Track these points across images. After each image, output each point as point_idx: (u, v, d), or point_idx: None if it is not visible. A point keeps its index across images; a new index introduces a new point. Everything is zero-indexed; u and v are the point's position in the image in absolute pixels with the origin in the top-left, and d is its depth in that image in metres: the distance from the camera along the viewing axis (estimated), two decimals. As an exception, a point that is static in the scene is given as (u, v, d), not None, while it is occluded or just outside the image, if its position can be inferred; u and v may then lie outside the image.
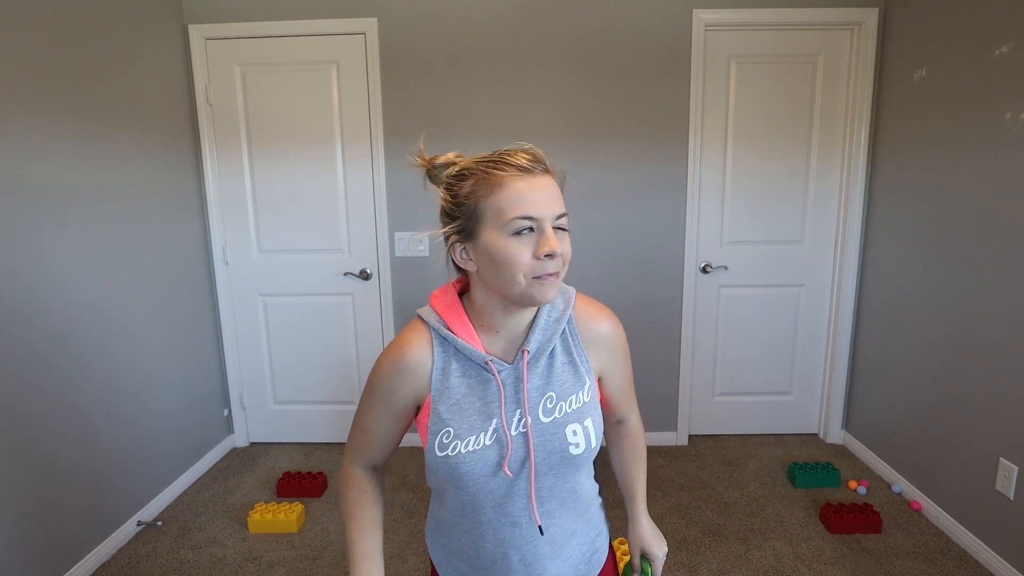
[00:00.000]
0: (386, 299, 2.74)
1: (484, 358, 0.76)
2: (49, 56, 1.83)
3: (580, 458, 0.78)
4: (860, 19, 2.48)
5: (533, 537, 0.79)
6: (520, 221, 0.69)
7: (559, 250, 0.70)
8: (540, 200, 0.70)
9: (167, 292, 2.41)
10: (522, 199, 0.69)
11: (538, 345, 0.77)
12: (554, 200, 0.71)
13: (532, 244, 0.70)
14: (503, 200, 0.70)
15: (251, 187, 2.69)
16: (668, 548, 0.59)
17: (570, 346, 0.80)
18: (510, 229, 0.69)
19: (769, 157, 2.63)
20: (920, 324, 2.24)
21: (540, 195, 0.70)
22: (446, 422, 0.76)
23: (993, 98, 1.88)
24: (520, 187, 0.70)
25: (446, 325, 0.78)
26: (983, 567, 1.88)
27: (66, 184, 1.89)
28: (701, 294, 2.75)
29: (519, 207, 0.69)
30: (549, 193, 0.71)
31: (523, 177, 0.70)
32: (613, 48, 2.52)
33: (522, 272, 0.70)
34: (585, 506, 0.85)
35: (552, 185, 0.72)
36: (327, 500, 2.37)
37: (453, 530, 0.83)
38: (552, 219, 0.70)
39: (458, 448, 0.75)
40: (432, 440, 0.76)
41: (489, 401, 0.76)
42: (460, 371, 0.77)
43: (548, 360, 0.78)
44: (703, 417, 2.88)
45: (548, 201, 0.70)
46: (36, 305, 1.77)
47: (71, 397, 1.90)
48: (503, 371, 0.77)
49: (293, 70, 2.58)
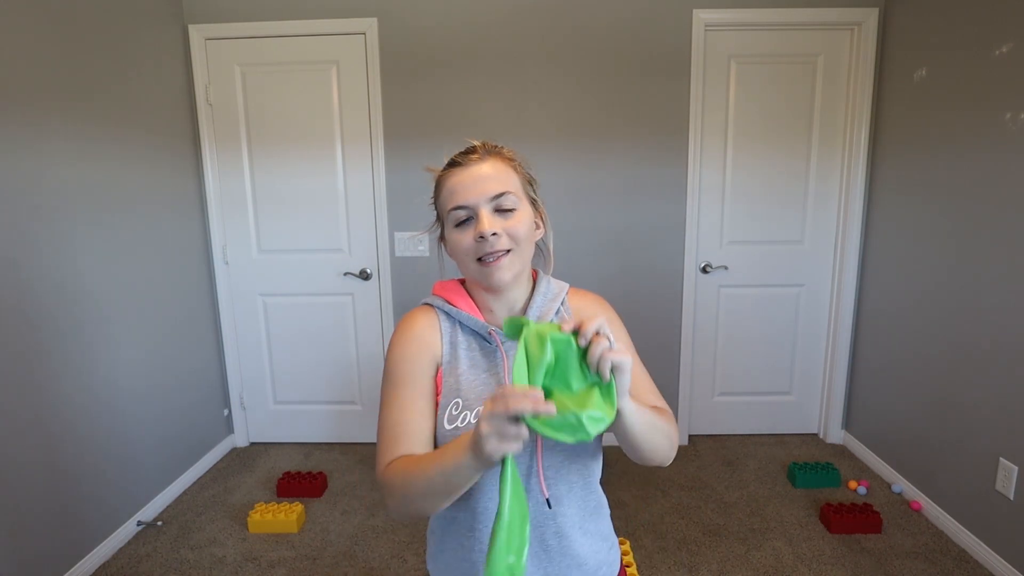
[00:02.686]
0: (386, 299, 2.74)
1: (486, 328, 0.79)
2: (49, 57, 1.83)
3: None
4: (860, 19, 2.48)
5: (541, 523, 0.76)
6: (455, 212, 0.76)
7: (489, 231, 0.74)
8: (470, 187, 0.75)
9: (167, 292, 2.41)
10: (454, 191, 0.76)
11: (536, 318, 0.80)
12: (489, 182, 0.75)
13: (473, 228, 0.75)
14: (443, 197, 0.78)
15: (251, 187, 2.68)
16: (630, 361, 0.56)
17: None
18: (452, 221, 0.77)
19: (769, 157, 2.63)
20: (920, 324, 2.24)
21: (470, 183, 0.75)
22: (456, 392, 0.77)
23: (993, 98, 1.88)
24: (452, 181, 0.77)
25: (449, 302, 0.82)
26: (983, 567, 1.88)
27: (66, 184, 1.89)
28: (701, 294, 2.75)
29: (452, 199, 0.76)
30: (482, 178, 0.76)
31: (454, 171, 0.77)
32: (613, 48, 2.52)
33: (468, 256, 0.76)
34: (596, 505, 0.83)
35: (490, 169, 0.77)
36: (327, 500, 2.37)
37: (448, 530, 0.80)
38: (487, 201, 0.75)
39: (468, 419, 0.75)
40: (442, 414, 0.77)
41: (495, 371, 0.78)
42: (466, 344, 0.81)
43: None
44: (703, 417, 2.88)
45: (480, 186, 0.75)
46: (36, 304, 1.77)
47: (70, 396, 1.90)
48: (506, 342, 0.79)
49: (293, 70, 2.58)
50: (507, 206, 0.76)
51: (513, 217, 0.76)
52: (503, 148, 0.80)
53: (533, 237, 0.81)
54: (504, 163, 0.78)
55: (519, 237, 0.76)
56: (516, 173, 0.79)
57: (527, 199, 0.80)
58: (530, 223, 0.79)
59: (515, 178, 0.78)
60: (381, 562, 1.97)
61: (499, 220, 0.75)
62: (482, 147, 0.78)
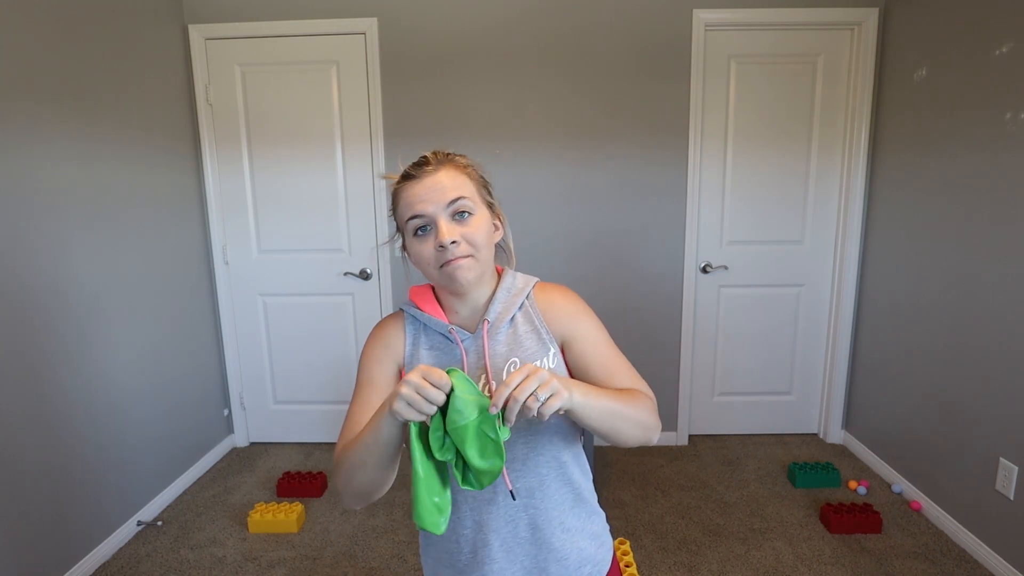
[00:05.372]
0: (386, 299, 2.75)
1: (446, 327, 0.82)
2: (49, 57, 1.83)
3: (545, 424, 0.79)
4: (860, 19, 2.48)
5: (513, 516, 0.80)
6: (412, 222, 0.78)
7: (448, 240, 0.75)
8: (425, 197, 0.77)
9: (167, 292, 2.41)
10: (409, 203, 0.78)
11: (496, 314, 0.82)
12: (445, 190, 0.77)
13: (433, 238, 0.77)
14: (400, 209, 0.80)
15: (251, 187, 2.68)
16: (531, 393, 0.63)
17: (531, 316, 0.84)
18: (410, 231, 0.79)
19: (769, 157, 2.63)
20: (920, 324, 2.24)
21: (425, 193, 0.77)
22: None
23: (993, 98, 1.88)
24: (407, 193, 0.78)
25: (415, 305, 0.86)
26: (983, 567, 1.88)
27: (66, 184, 1.89)
28: (701, 294, 2.75)
29: (408, 210, 0.78)
30: (436, 187, 0.77)
31: (409, 184, 0.79)
32: (613, 48, 2.52)
33: (431, 265, 0.78)
34: (576, 501, 0.84)
35: (443, 178, 0.78)
36: (327, 500, 2.37)
37: None
38: (443, 209, 0.77)
39: None
40: None
41: (456, 366, 0.80)
42: (428, 344, 0.84)
43: (510, 327, 0.83)
44: (703, 417, 2.88)
45: (435, 195, 0.77)
46: (35, 304, 1.77)
47: (70, 396, 1.90)
48: (466, 339, 0.82)
49: (293, 70, 2.58)
50: (463, 209, 0.77)
51: (470, 223, 0.78)
52: (455, 155, 0.82)
53: (492, 240, 0.83)
54: (457, 170, 0.80)
55: (478, 242, 0.78)
56: (470, 179, 0.81)
57: (483, 203, 0.81)
58: (488, 227, 0.81)
59: (469, 184, 0.80)
60: (381, 562, 1.97)
61: (456, 227, 0.77)
62: (434, 157, 0.80)
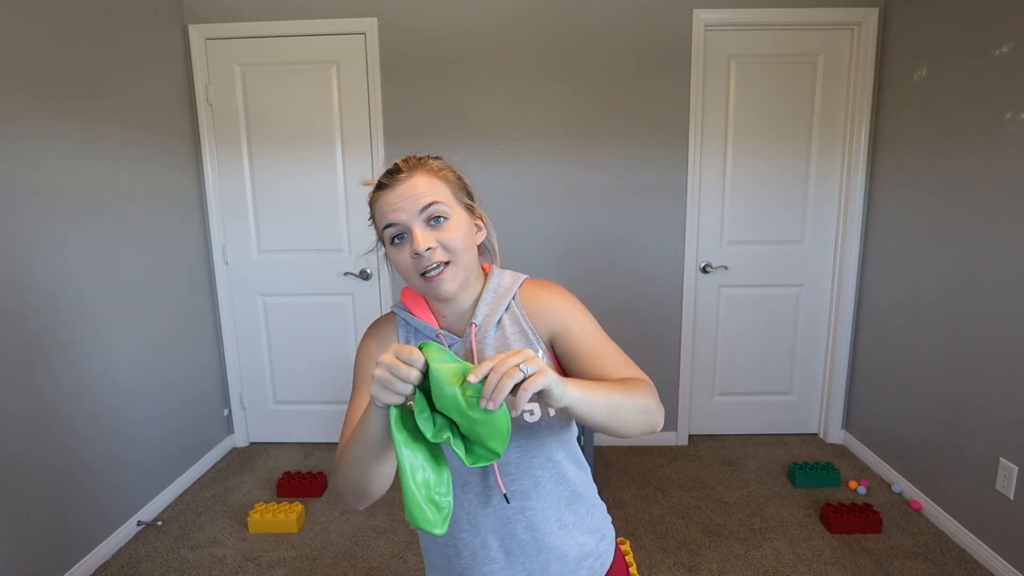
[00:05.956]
0: (386, 299, 2.74)
1: (435, 331, 0.83)
2: (48, 56, 1.83)
3: (538, 427, 0.78)
4: (860, 19, 2.48)
5: (509, 518, 0.79)
6: (388, 231, 0.77)
7: (423, 247, 0.74)
8: (398, 205, 0.76)
9: (167, 292, 2.41)
10: (384, 212, 0.77)
11: (483, 316, 0.82)
12: (418, 197, 0.76)
13: (409, 246, 0.76)
14: (377, 218, 0.80)
15: (251, 187, 2.68)
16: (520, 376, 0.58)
17: (518, 317, 0.83)
18: (388, 239, 0.79)
19: (769, 157, 2.63)
20: (920, 324, 2.24)
21: (397, 201, 0.76)
22: None
23: (993, 98, 1.88)
24: (381, 202, 0.78)
25: (406, 308, 0.86)
26: (983, 567, 1.88)
27: (66, 184, 1.89)
28: (701, 294, 2.75)
29: (384, 219, 0.78)
30: (409, 194, 0.76)
31: (382, 193, 0.78)
32: (613, 48, 2.52)
33: (411, 273, 0.78)
34: (573, 497, 0.84)
35: (416, 183, 0.77)
36: (327, 500, 2.37)
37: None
38: (417, 215, 0.76)
39: None
40: None
41: None
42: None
43: (498, 330, 0.82)
44: (703, 417, 2.88)
45: (407, 202, 0.76)
46: (35, 305, 1.77)
47: (70, 397, 1.90)
48: (454, 344, 0.82)
49: (293, 70, 2.58)
50: (438, 214, 0.76)
51: (446, 227, 0.77)
52: (428, 160, 0.81)
53: (473, 242, 0.81)
54: (430, 175, 0.78)
55: (455, 247, 0.77)
56: (445, 182, 0.79)
57: (461, 206, 0.80)
58: (466, 230, 0.79)
59: (444, 188, 0.78)
60: (381, 562, 1.97)
61: (431, 233, 0.76)
62: (405, 163, 0.79)
